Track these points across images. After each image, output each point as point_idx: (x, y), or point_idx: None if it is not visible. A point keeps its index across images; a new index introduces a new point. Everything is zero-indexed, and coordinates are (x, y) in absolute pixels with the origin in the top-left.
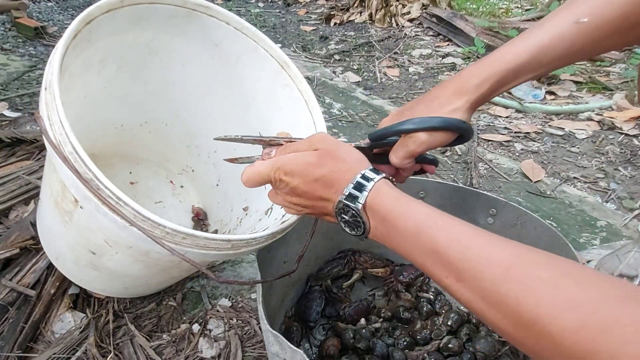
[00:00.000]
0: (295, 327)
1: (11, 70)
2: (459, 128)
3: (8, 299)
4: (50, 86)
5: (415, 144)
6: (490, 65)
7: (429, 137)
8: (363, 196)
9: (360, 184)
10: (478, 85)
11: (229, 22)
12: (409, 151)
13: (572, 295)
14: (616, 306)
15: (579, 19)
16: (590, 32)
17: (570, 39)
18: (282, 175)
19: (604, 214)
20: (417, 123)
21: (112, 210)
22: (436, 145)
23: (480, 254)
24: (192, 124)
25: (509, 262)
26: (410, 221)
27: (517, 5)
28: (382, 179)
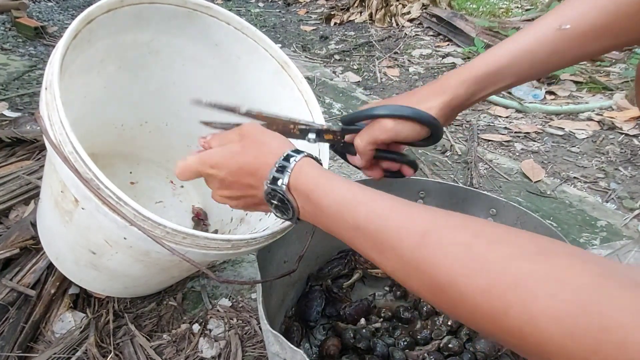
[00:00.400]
0: (295, 327)
1: (11, 70)
2: (429, 122)
3: (8, 298)
4: (50, 86)
5: (380, 129)
6: (471, 67)
7: (395, 125)
8: (286, 176)
9: (283, 166)
10: (456, 86)
11: (229, 22)
12: (373, 136)
13: (483, 254)
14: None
15: (562, 25)
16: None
17: (552, 44)
18: (209, 169)
19: (604, 213)
20: (387, 109)
21: (112, 210)
22: (403, 136)
23: (398, 224)
24: (192, 124)
25: (425, 228)
26: (332, 198)
27: (517, 5)
28: (305, 158)
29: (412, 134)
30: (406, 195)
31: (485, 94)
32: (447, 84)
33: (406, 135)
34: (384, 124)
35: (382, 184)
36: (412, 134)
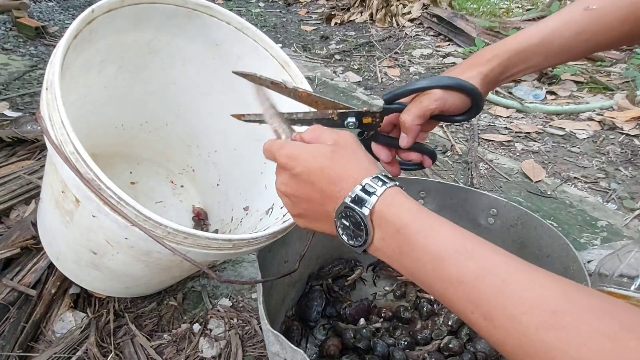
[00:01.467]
0: (295, 327)
1: (12, 70)
2: (472, 91)
3: (9, 298)
4: (51, 86)
5: (429, 99)
6: (503, 43)
7: (443, 94)
8: (372, 201)
9: (371, 187)
10: (490, 59)
11: (230, 22)
12: (422, 107)
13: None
14: None
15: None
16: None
17: (578, 24)
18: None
19: (604, 214)
20: (432, 81)
21: (113, 210)
22: (449, 105)
23: (521, 292)
24: (192, 124)
25: (556, 305)
26: (432, 241)
27: (518, 5)
28: (397, 186)
29: (457, 103)
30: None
31: (516, 70)
32: (482, 57)
33: (451, 104)
34: (432, 94)
35: None
36: (457, 104)
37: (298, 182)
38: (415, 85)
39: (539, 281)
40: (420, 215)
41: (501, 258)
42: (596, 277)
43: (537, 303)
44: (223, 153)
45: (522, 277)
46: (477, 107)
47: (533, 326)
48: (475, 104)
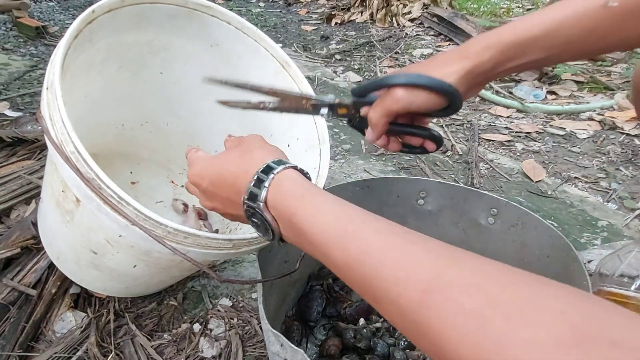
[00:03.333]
0: (295, 327)
1: (12, 70)
2: (445, 91)
3: (9, 298)
4: (52, 86)
5: (391, 99)
6: (498, 33)
7: (407, 94)
8: (263, 192)
9: (260, 179)
10: (479, 52)
11: (230, 21)
12: (385, 107)
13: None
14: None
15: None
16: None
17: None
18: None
19: (605, 214)
20: (399, 78)
21: (113, 210)
22: (416, 106)
23: (396, 273)
24: (193, 124)
25: (426, 283)
26: (316, 227)
27: (519, 4)
28: (287, 170)
29: (426, 103)
30: (407, 195)
31: (511, 65)
32: (470, 49)
33: (420, 104)
34: (395, 93)
35: (384, 184)
36: (426, 104)
37: (210, 196)
38: (382, 82)
39: (414, 257)
40: (305, 200)
41: (379, 237)
42: (597, 277)
43: (409, 282)
44: None
45: (397, 255)
46: (455, 106)
47: (408, 307)
48: (451, 102)
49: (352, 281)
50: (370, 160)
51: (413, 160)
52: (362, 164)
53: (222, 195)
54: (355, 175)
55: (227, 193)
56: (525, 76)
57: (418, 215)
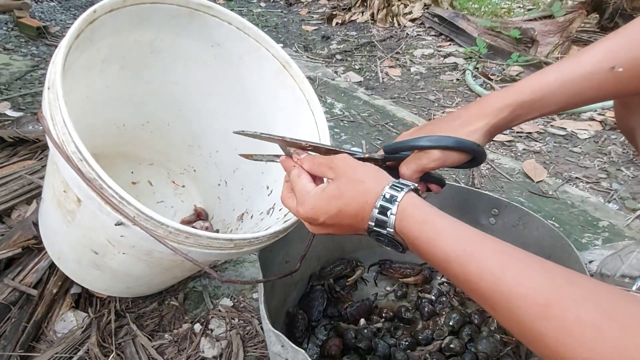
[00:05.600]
0: (300, 317)
1: (13, 70)
2: (472, 150)
3: (10, 298)
4: (53, 85)
5: (428, 159)
6: (517, 91)
7: (442, 154)
8: (391, 221)
9: (385, 208)
10: (500, 109)
11: (231, 22)
12: (421, 165)
13: (616, 340)
14: None
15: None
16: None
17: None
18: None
19: (606, 214)
20: (432, 141)
21: (114, 210)
22: (448, 164)
23: (514, 288)
24: (194, 124)
25: (546, 298)
26: (438, 249)
27: (519, 4)
28: (406, 196)
29: (456, 161)
30: None
31: (528, 118)
32: (490, 106)
33: (451, 162)
34: (431, 154)
35: None
36: (456, 161)
37: (326, 227)
38: (416, 143)
39: (530, 277)
40: (426, 227)
41: (497, 257)
42: (598, 277)
43: (529, 298)
44: (224, 153)
45: (515, 274)
46: (480, 160)
47: (527, 317)
48: (475, 159)
49: (472, 294)
50: None
51: None
52: None
53: (344, 224)
54: None
55: (350, 222)
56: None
57: None
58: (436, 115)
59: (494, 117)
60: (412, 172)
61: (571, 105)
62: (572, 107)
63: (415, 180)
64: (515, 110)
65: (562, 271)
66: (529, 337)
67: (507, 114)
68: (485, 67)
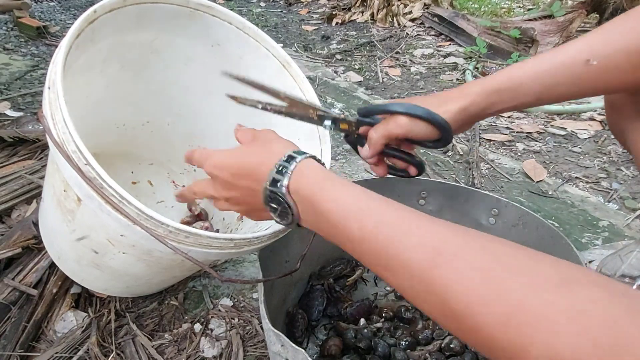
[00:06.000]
0: (300, 316)
1: (13, 70)
2: (440, 125)
3: (10, 298)
4: (53, 85)
5: (395, 124)
6: (496, 78)
7: (409, 122)
8: (286, 178)
9: (283, 167)
10: (477, 93)
11: (231, 21)
12: (387, 130)
13: (502, 282)
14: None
15: (591, 60)
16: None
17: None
18: (212, 169)
19: (606, 214)
20: (403, 107)
21: (115, 209)
22: (414, 133)
23: (409, 239)
24: (194, 124)
25: (439, 245)
26: (337, 204)
27: (519, 4)
28: (307, 159)
29: (423, 133)
30: (408, 195)
31: (504, 107)
32: (467, 90)
33: (417, 133)
34: (399, 120)
35: (385, 184)
36: (423, 133)
37: (228, 186)
38: (387, 107)
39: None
40: (327, 183)
41: (396, 211)
42: None
43: (421, 247)
44: None
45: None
46: (446, 140)
47: (419, 267)
48: (443, 137)
49: (366, 252)
50: None
51: None
52: (362, 163)
53: (242, 184)
54: (356, 176)
55: (248, 182)
56: None
57: None
58: None
59: (469, 101)
60: (379, 137)
61: (546, 97)
62: (549, 101)
63: (381, 146)
64: (490, 96)
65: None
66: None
67: (482, 100)
68: (485, 67)
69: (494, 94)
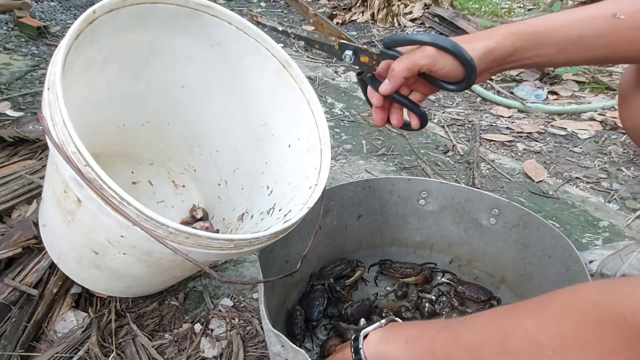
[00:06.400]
0: (298, 312)
1: (14, 70)
2: (466, 60)
3: (11, 298)
4: (53, 86)
5: (421, 54)
6: (521, 23)
7: (436, 53)
8: None
9: None
10: (503, 36)
11: (231, 21)
12: (413, 59)
13: None
14: None
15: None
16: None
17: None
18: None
19: (606, 214)
20: (430, 37)
21: (115, 210)
22: (439, 67)
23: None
24: (194, 124)
25: None
26: None
27: (520, 4)
28: None
29: (448, 67)
30: (409, 195)
31: (527, 55)
32: (494, 32)
33: (442, 67)
34: (426, 50)
35: (386, 184)
36: (448, 68)
37: None
38: (414, 37)
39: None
40: None
41: None
42: (598, 277)
43: None
44: (224, 153)
45: None
46: (469, 80)
47: None
48: (467, 76)
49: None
50: (372, 161)
51: (414, 160)
52: (363, 164)
53: None
54: (357, 176)
55: None
56: (527, 76)
57: (419, 216)
58: (437, 115)
59: (495, 42)
60: (402, 68)
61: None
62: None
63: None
64: (517, 39)
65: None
66: None
67: (509, 42)
68: None
69: (519, 38)
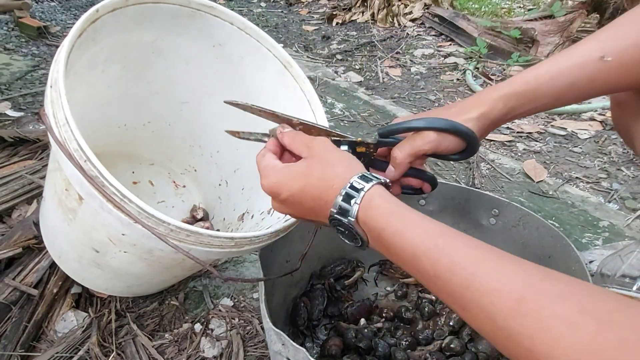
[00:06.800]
0: (302, 304)
1: (14, 70)
2: (466, 135)
3: (11, 298)
4: (56, 83)
5: (423, 140)
6: (511, 82)
7: (437, 137)
8: (354, 210)
9: (350, 195)
10: (495, 100)
11: (232, 21)
12: (415, 147)
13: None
14: None
15: (604, 56)
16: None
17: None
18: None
19: (606, 214)
20: (427, 122)
21: (116, 208)
22: (442, 148)
23: (488, 283)
24: (195, 124)
25: (520, 293)
26: (407, 241)
27: (520, 4)
28: (374, 187)
29: (452, 146)
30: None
31: (522, 111)
32: (486, 97)
33: (446, 146)
34: (427, 135)
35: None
36: (451, 146)
37: (288, 205)
38: (410, 125)
39: (505, 271)
40: (394, 217)
41: (470, 251)
42: (598, 277)
43: (503, 292)
44: (225, 153)
45: (488, 269)
46: (472, 150)
47: (500, 315)
48: (470, 147)
49: (441, 291)
50: None
51: None
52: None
53: (305, 205)
54: None
55: (311, 204)
56: None
57: None
58: None
59: (488, 107)
60: (405, 155)
61: (565, 98)
62: (567, 101)
63: (407, 166)
64: (509, 101)
65: (537, 268)
66: (501, 337)
67: (502, 105)
68: (485, 67)
69: (512, 99)
